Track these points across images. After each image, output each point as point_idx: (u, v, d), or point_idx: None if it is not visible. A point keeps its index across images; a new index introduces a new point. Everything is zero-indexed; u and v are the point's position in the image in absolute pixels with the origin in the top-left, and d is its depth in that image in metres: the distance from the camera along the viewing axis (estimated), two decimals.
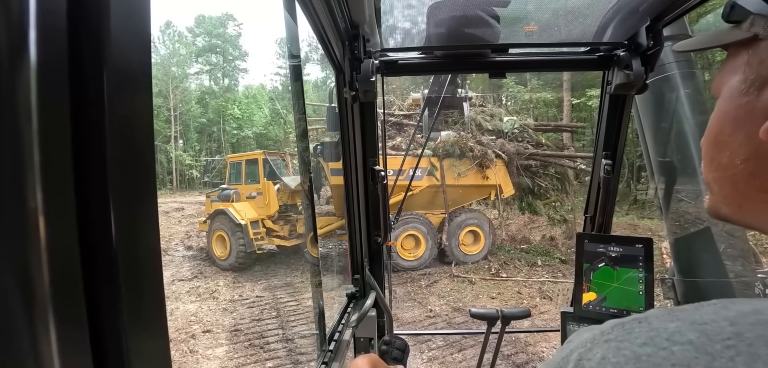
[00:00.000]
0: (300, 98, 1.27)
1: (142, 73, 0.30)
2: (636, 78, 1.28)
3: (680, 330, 0.29)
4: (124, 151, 0.28)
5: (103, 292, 0.27)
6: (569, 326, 1.40)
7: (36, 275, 0.22)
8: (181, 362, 6.05)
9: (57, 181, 0.24)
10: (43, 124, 0.22)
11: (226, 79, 41.84)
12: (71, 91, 0.24)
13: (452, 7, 1.26)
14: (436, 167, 9.43)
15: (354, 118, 1.41)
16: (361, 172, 1.50)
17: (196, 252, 12.19)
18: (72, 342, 0.24)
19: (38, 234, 0.22)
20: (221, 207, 10.30)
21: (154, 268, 0.31)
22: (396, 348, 1.10)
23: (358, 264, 1.61)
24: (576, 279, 1.37)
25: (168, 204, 21.54)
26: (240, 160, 11.40)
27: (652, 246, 1.29)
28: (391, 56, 1.46)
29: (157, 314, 0.32)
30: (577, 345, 0.34)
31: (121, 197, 0.27)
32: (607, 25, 1.32)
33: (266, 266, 10.52)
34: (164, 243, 13.40)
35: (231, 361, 6.05)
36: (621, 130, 1.51)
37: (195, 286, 9.26)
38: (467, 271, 9.53)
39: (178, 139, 33.60)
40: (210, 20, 40.81)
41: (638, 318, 0.32)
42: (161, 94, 32.91)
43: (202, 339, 6.74)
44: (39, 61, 0.22)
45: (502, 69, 1.47)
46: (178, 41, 37.76)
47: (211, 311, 7.88)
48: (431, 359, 5.82)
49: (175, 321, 7.32)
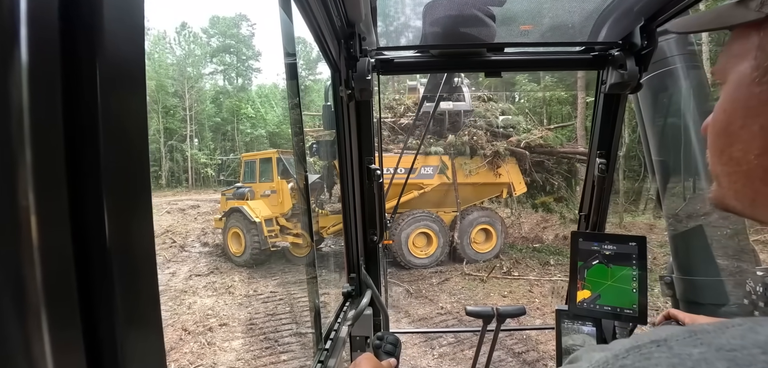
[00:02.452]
0: (296, 95, 1.29)
1: (136, 71, 0.29)
2: (630, 77, 1.29)
3: (706, 358, 0.26)
4: (118, 150, 0.28)
5: (97, 292, 0.26)
6: (564, 323, 1.42)
7: (28, 275, 0.22)
8: (200, 353, 6.23)
9: (50, 180, 0.23)
10: (35, 123, 0.22)
11: (239, 79, 42.39)
12: (64, 90, 0.24)
13: (448, 6, 1.26)
14: (447, 165, 9.41)
15: (350, 117, 1.42)
16: (357, 170, 1.51)
17: (211, 248, 12.45)
18: (65, 342, 0.24)
19: (31, 234, 0.22)
20: (236, 204, 10.48)
21: (148, 268, 0.31)
22: (388, 343, 1.13)
23: (354, 262, 1.62)
24: (570, 277, 1.38)
25: (184, 201, 22.01)
26: (254, 159, 11.57)
27: (646, 244, 1.30)
28: (387, 55, 1.46)
29: (152, 314, 0.32)
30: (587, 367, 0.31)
31: (115, 196, 0.27)
32: (602, 24, 1.33)
33: (280, 262, 10.69)
34: (181, 239, 13.75)
35: (247, 353, 6.21)
36: (615, 128, 1.51)
37: (211, 282, 9.48)
38: (479, 269, 9.49)
39: (193, 138, 34.20)
40: (224, 21, 41.39)
41: (656, 342, 0.29)
42: (177, 94, 33.50)
43: (219, 332, 6.92)
44: (31, 59, 0.22)
45: (498, 68, 1.47)
46: (193, 42, 38.41)
47: (227, 305, 8.07)
48: (442, 355, 5.86)
49: (193, 315, 7.53)
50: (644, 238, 1.30)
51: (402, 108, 10.81)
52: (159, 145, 31.29)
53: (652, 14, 1.24)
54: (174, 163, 33.08)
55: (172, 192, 29.35)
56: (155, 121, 31.28)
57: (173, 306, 8.02)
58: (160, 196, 25.68)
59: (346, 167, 1.47)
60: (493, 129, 10.04)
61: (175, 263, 11.22)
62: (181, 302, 8.28)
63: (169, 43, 36.47)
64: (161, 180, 31.50)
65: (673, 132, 1.62)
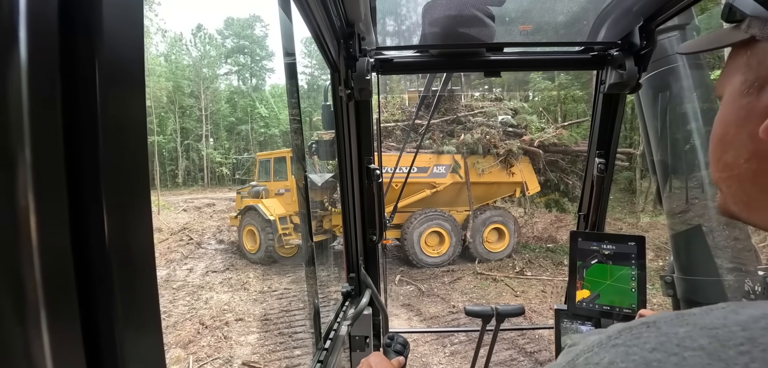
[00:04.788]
0: (294, 95, 1.30)
1: (135, 71, 0.29)
2: (629, 77, 1.28)
3: (691, 335, 0.28)
4: (117, 150, 0.28)
5: (97, 292, 0.27)
6: (563, 323, 1.42)
7: (28, 275, 0.22)
8: (217, 347, 6.39)
9: (49, 180, 0.24)
10: (34, 123, 0.22)
11: (253, 79, 42.97)
12: (63, 90, 0.24)
13: (447, 5, 1.26)
14: (460, 164, 9.37)
15: (349, 117, 1.42)
16: (356, 170, 1.51)
17: (227, 245, 12.69)
18: (65, 342, 0.24)
19: (30, 233, 0.22)
20: (251, 203, 10.65)
21: (147, 268, 0.31)
22: (398, 343, 1.15)
23: (353, 262, 1.63)
24: (569, 276, 1.39)
25: (200, 199, 22.50)
26: (269, 158, 11.72)
27: (645, 243, 1.30)
28: (387, 54, 1.46)
29: (151, 313, 0.32)
30: (583, 348, 0.34)
31: (114, 196, 0.27)
32: (601, 24, 1.32)
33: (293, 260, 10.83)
34: (197, 236, 14.06)
35: (262, 347, 6.34)
36: (614, 128, 1.50)
37: (227, 278, 9.68)
38: (491, 269, 9.43)
39: (208, 137, 34.84)
40: (238, 22, 42.01)
41: (646, 322, 0.32)
42: (193, 95, 34.13)
43: (235, 326, 7.08)
44: (30, 59, 0.22)
45: (497, 67, 1.47)
46: (208, 43, 39.09)
47: (242, 301, 8.24)
48: (454, 353, 5.87)
49: (210, 310, 7.71)
50: (643, 238, 1.30)
51: None
52: (176, 145, 32.02)
53: (651, 14, 1.23)
54: (190, 161, 33.79)
55: (188, 190, 30.02)
56: (173, 120, 32.02)
57: (191, 301, 8.24)
58: (176, 194, 26.29)
59: (345, 167, 1.48)
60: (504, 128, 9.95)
61: (192, 259, 11.49)
62: (198, 297, 8.48)
63: (185, 45, 37.23)
64: (178, 178, 32.25)
65: (674, 130, 1.60)
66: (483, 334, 1.55)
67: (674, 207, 1.58)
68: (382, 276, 1.78)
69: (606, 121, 1.51)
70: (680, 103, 1.55)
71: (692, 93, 1.53)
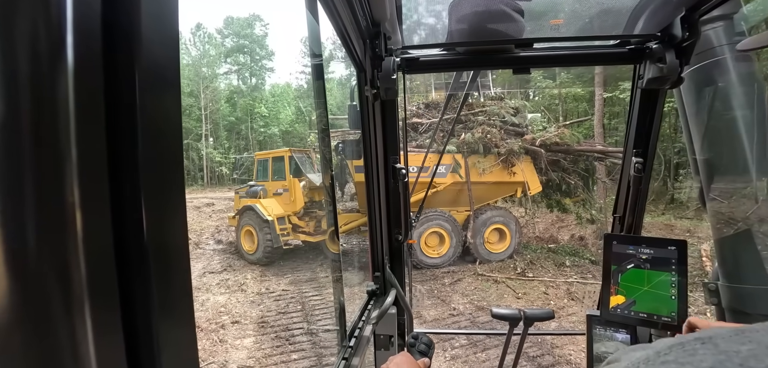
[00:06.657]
0: (322, 96, 1.29)
1: (171, 73, 0.30)
2: (670, 71, 1.22)
3: (756, 354, 0.26)
4: (155, 148, 0.29)
5: (135, 283, 0.28)
6: (595, 330, 1.35)
7: (73, 266, 0.23)
8: (212, 350, 6.29)
9: (93, 178, 0.25)
10: (80, 124, 0.23)
11: (253, 79, 42.83)
12: (106, 92, 0.26)
13: (474, 2, 1.24)
14: (460, 164, 9.31)
15: (375, 116, 1.42)
16: (382, 169, 1.50)
17: (225, 246, 12.59)
18: (106, 330, 0.26)
19: (75, 228, 0.23)
20: (249, 203, 10.58)
21: (182, 261, 0.33)
22: (422, 343, 1.15)
23: (378, 262, 1.62)
24: (603, 281, 1.32)
25: (199, 199, 22.36)
26: (267, 158, 11.67)
27: (687, 248, 1.23)
28: (413, 53, 1.45)
29: (185, 304, 0.33)
30: (627, 366, 0.31)
31: (153, 193, 0.28)
32: (639, 16, 1.26)
33: (292, 260, 10.75)
34: (196, 236, 13.94)
35: (258, 351, 6.24)
36: (653, 126, 1.44)
37: (224, 279, 9.58)
38: (492, 270, 9.37)
39: (208, 137, 34.71)
40: (238, 21, 41.87)
41: (701, 338, 0.29)
42: (192, 94, 34.01)
43: (231, 329, 6.98)
44: (76, 63, 0.23)
45: (527, 64, 1.43)
46: (207, 42, 38.93)
47: (239, 303, 8.14)
48: (454, 357, 5.79)
49: (206, 312, 7.61)
50: (685, 242, 1.23)
51: None
52: None
53: (694, 4, 1.17)
54: (190, 161, 33.62)
55: (188, 190, 29.85)
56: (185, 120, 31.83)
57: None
58: None
59: (371, 166, 1.48)
60: (507, 127, 9.91)
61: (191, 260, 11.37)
62: (195, 299, 8.37)
63: (185, 44, 37.01)
64: None
65: (720, 128, 1.51)
66: (510, 338, 1.50)
67: (721, 210, 1.50)
68: (407, 276, 1.77)
69: (644, 119, 1.45)
70: (727, 99, 1.47)
71: (741, 88, 1.45)
